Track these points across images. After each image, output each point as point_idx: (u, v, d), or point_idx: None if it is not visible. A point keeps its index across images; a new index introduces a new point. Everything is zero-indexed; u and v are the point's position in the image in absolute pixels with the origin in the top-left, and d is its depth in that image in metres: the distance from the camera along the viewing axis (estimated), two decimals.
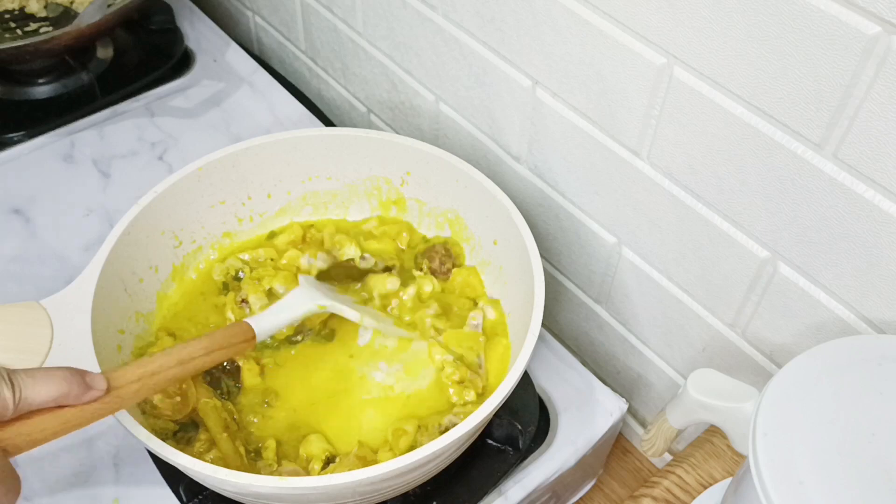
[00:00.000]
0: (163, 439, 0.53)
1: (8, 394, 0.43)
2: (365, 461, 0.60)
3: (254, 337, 0.59)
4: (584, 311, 0.77)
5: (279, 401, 0.64)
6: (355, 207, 0.77)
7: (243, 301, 0.69)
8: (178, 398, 0.62)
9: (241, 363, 0.65)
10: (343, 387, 0.65)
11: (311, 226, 0.76)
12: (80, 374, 0.46)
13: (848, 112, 0.46)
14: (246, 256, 0.73)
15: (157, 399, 0.61)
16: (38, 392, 0.44)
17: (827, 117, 0.47)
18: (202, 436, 0.61)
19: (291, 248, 0.74)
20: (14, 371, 0.44)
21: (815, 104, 0.47)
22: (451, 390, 0.64)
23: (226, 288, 0.71)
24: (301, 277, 0.68)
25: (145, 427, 0.53)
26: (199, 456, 0.59)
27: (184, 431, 0.61)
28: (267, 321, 0.61)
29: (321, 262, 0.73)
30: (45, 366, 0.53)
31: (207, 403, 0.62)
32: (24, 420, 0.44)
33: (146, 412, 0.61)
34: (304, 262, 0.73)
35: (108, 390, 0.47)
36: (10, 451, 0.43)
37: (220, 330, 0.58)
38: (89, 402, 0.46)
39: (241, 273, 0.72)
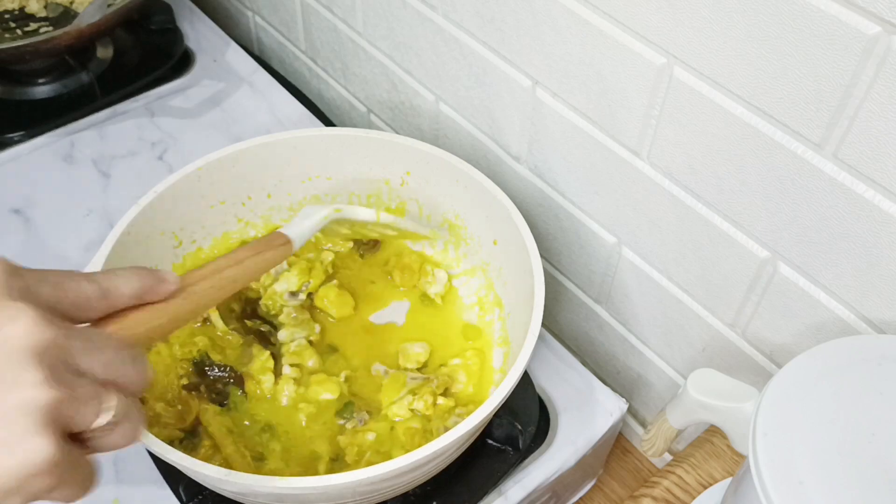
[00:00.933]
0: None
1: (91, 287, 0.42)
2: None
3: (290, 242, 0.60)
4: (584, 311, 0.77)
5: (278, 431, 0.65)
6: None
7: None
8: (180, 406, 0.63)
9: (245, 378, 0.65)
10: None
11: None
12: (152, 271, 0.46)
13: (848, 112, 0.46)
14: None
15: (159, 407, 0.61)
16: (118, 286, 0.43)
17: (827, 117, 0.47)
18: (206, 442, 0.61)
19: None
20: (91, 272, 0.43)
21: (815, 104, 0.47)
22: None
23: None
24: (305, 208, 0.70)
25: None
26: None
27: (189, 439, 0.62)
28: (298, 227, 0.62)
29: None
30: None
31: (208, 410, 0.62)
32: (118, 317, 0.43)
33: (151, 423, 0.61)
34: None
35: (182, 287, 0.47)
36: (132, 340, 0.43)
37: (261, 239, 0.58)
38: (168, 294, 0.46)
39: None
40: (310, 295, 0.71)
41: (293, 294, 0.70)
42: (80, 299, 0.41)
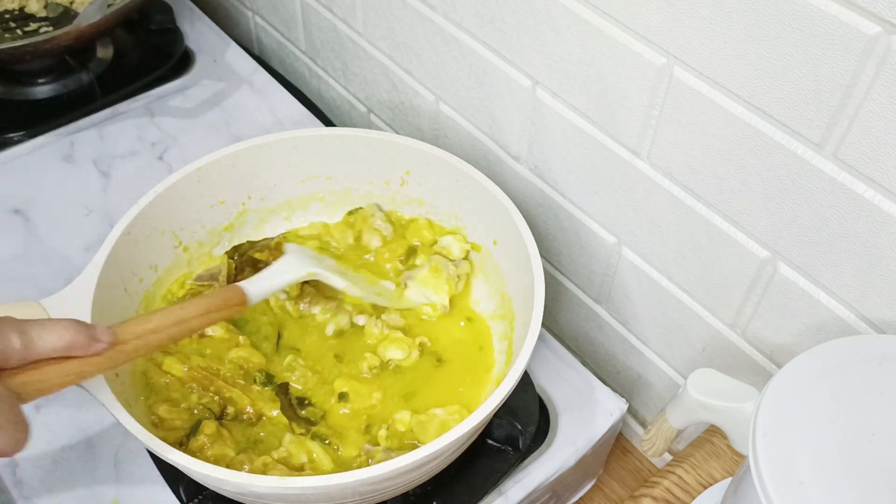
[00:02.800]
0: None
1: (17, 340, 0.44)
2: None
3: (246, 301, 0.59)
4: (584, 311, 0.77)
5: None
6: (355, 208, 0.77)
7: None
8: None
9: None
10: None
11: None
12: (87, 327, 0.47)
13: (848, 112, 0.46)
14: None
15: (162, 411, 0.61)
16: (47, 341, 0.45)
17: (827, 117, 0.47)
18: (206, 430, 0.61)
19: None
20: (24, 321, 0.45)
21: (815, 104, 0.47)
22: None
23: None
24: (287, 245, 0.69)
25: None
26: (203, 450, 0.59)
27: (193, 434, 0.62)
28: (259, 285, 0.61)
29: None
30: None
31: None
32: (33, 368, 0.45)
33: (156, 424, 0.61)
34: None
35: (113, 344, 0.48)
36: (21, 394, 0.44)
37: (214, 291, 0.59)
38: (95, 353, 0.47)
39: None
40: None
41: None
42: (5, 350, 0.44)
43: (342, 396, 0.65)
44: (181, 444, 0.61)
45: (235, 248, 0.74)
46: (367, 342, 0.68)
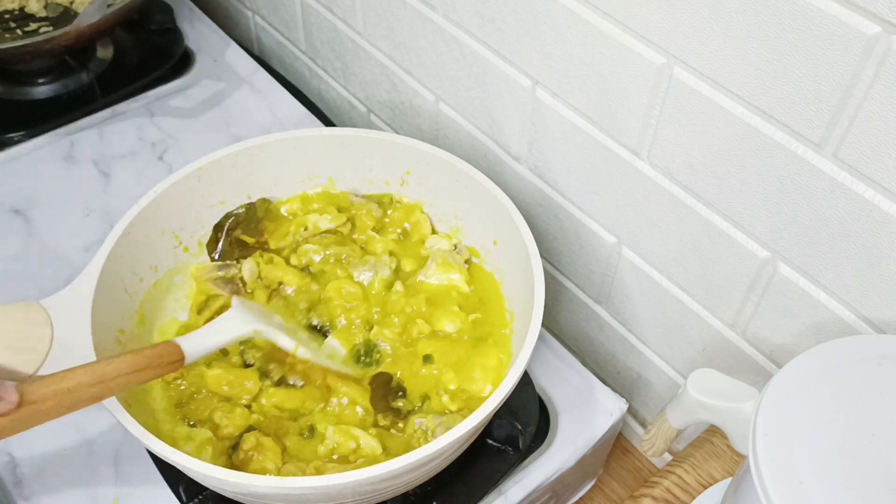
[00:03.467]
0: None
1: None
2: None
3: (182, 359, 0.56)
4: (584, 311, 0.77)
5: None
6: None
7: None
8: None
9: None
10: None
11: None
12: None
13: (848, 112, 0.46)
14: None
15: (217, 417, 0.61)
16: None
17: (827, 117, 0.47)
18: (245, 445, 0.60)
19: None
20: None
21: (815, 104, 0.47)
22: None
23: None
24: (234, 299, 0.65)
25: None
26: (247, 464, 0.59)
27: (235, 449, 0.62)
28: (197, 343, 0.58)
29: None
30: (43, 366, 0.53)
31: None
32: None
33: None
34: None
35: (21, 404, 0.45)
36: None
37: (147, 347, 0.54)
38: (2, 412, 0.45)
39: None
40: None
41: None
42: None
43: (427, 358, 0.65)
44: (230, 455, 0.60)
45: (217, 227, 0.72)
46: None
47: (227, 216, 0.72)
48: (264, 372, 0.64)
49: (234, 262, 0.71)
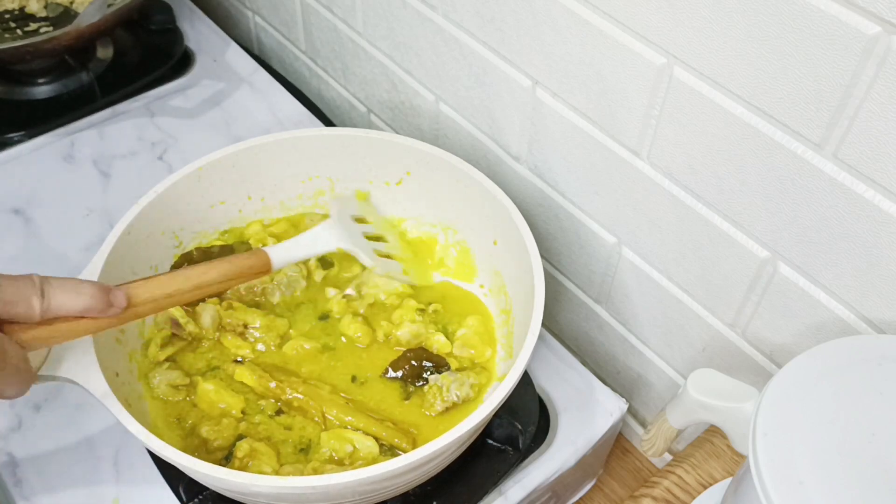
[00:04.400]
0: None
1: (37, 302, 0.46)
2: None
3: (270, 267, 0.59)
4: (584, 311, 0.77)
5: None
6: None
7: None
8: None
9: None
10: None
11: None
12: (105, 291, 0.49)
13: (848, 112, 0.46)
14: None
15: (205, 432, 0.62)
16: (64, 303, 0.47)
17: (827, 117, 0.47)
18: (239, 452, 0.60)
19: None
20: (46, 279, 0.47)
21: (815, 104, 0.47)
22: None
23: None
24: (333, 209, 0.68)
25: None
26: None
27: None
28: (285, 253, 0.61)
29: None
30: (43, 366, 0.53)
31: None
32: (45, 325, 0.47)
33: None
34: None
35: (128, 307, 0.50)
36: (27, 347, 0.47)
37: (237, 255, 0.58)
38: (110, 316, 0.49)
39: None
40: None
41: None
42: (25, 314, 0.46)
43: None
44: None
45: (185, 256, 0.72)
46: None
47: (199, 251, 0.72)
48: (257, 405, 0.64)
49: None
